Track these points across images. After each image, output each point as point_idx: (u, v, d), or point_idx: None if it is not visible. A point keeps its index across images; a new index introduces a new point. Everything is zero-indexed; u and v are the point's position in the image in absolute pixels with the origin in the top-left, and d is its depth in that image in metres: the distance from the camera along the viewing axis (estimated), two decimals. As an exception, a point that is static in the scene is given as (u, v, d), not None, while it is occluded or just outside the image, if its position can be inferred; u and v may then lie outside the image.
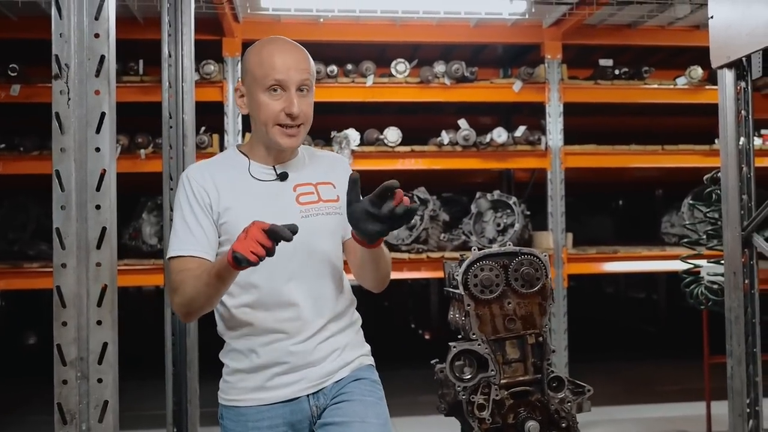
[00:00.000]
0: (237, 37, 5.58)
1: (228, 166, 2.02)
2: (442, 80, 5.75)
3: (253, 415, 1.96)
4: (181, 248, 1.90)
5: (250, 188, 1.98)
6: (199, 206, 1.93)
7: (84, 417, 1.60)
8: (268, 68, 1.92)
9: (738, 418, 3.06)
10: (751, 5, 2.86)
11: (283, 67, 1.92)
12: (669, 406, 5.89)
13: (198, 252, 1.89)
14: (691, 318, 7.43)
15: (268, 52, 1.95)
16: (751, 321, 3.06)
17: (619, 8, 5.46)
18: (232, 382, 2.00)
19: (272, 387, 1.96)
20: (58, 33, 1.60)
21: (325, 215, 2.01)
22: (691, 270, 4.70)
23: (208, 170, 1.99)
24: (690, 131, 6.91)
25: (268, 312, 1.95)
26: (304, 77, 1.94)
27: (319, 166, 2.09)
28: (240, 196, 1.96)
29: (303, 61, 1.96)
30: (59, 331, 1.59)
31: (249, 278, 1.93)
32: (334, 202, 2.04)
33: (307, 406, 1.98)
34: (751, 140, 3.10)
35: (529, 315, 2.13)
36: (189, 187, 1.95)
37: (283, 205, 1.98)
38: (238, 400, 1.99)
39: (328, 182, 2.06)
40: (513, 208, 5.83)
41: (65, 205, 1.59)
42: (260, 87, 1.93)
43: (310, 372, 1.98)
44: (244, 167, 2.01)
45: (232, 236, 1.88)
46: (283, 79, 1.92)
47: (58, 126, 1.59)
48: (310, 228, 1.94)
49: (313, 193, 2.02)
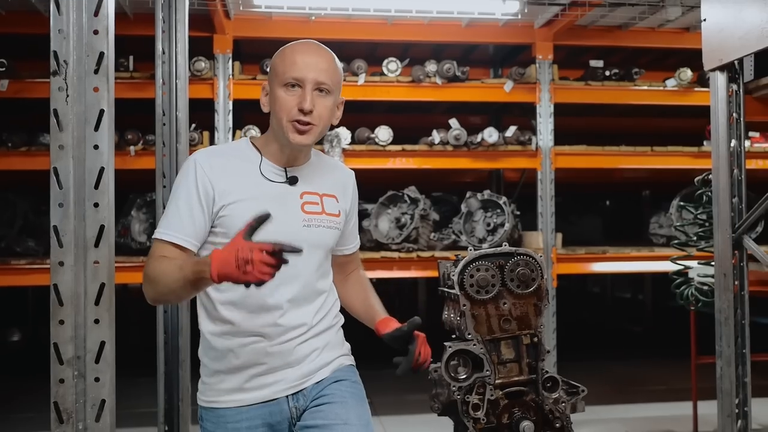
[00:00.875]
0: (228, 34, 5.56)
1: (240, 159, 1.99)
2: (433, 79, 5.75)
3: (232, 416, 1.96)
4: (165, 232, 1.88)
5: (259, 186, 1.96)
6: (197, 195, 1.89)
7: (81, 416, 1.59)
8: (288, 65, 1.94)
9: (727, 419, 3.09)
10: (743, 9, 2.88)
11: (303, 65, 1.93)
12: (656, 405, 5.93)
13: (180, 241, 1.87)
14: (677, 318, 7.49)
15: (291, 50, 1.98)
16: (740, 322, 3.08)
17: (610, 10, 5.49)
18: (211, 384, 1.99)
19: (251, 388, 1.96)
20: (56, 29, 1.59)
21: (326, 228, 2.03)
22: (681, 271, 4.73)
23: (220, 159, 1.97)
24: (679, 133, 6.95)
25: (251, 314, 1.94)
26: (322, 78, 1.93)
27: (327, 177, 2.09)
28: (246, 193, 1.93)
29: (323, 62, 1.96)
30: (56, 330, 1.58)
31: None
32: (335, 217, 2.05)
33: (287, 407, 1.98)
34: (743, 143, 3.12)
35: (525, 315, 2.13)
36: (194, 173, 1.91)
37: (289, 209, 1.97)
38: (217, 402, 1.98)
39: (333, 195, 2.07)
40: (503, 207, 5.85)
41: (63, 202, 1.58)
42: (279, 82, 1.94)
43: (289, 373, 1.97)
44: (256, 163, 1.99)
45: (229, 230, 1.88)
46: (300, 76, 1.92)
47: (57, 123, 1.58)
48: (309, 238, 1.96)
49: (318, 204, 2.02)
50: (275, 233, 1.84)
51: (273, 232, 1.83)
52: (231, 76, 5.54)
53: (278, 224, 1.85)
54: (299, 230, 1.96)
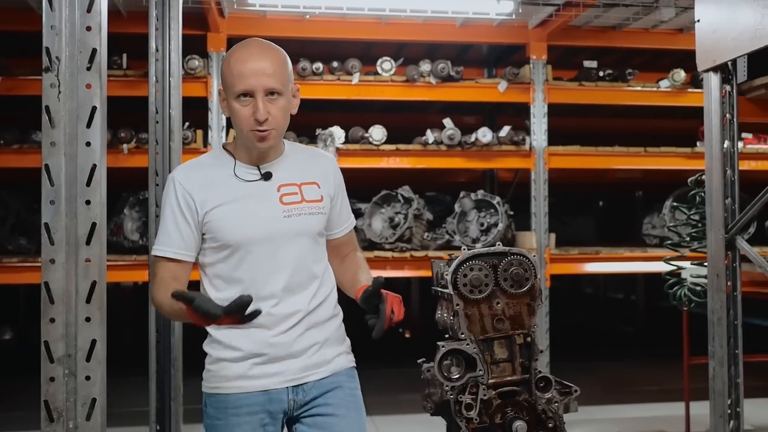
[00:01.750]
0: (222, 33, 5.55)
1: (214, 167, 2.08)
2: (427, 79, 5.75)
3: (233, 402, 2.03)
4: (158, 248, 2.03)
5: (235, 189, 2.04)
6: (180, 210, 2.01)
7: (71, 415, 1.58)
8: (235, 77, 1.97)
9: (719, 419, 3.09)
10: (737, 10, 2.89)
11: (249, 75, 1.95)
12: (648, 406, 5.94)
13: (173, 254, 2.01)
14: (669, 319, 7.50)
15: (235, 59, 1.99)
16: (733, 323, 3.09)
17: (604, 10, 5.50)
18: (214, 371, 2.06)
19: (253, 376, 2.03)
20: (49, 25, 1.57)
21: (308, 215, 2.08)
22: (674, 271, 4.74)
23: (195, 172, 2.07)
24: (672, 134, 6.97)
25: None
26: (270, 84, 1.96)
27: (304, 165, 2.15)
28: (225, 197, 2.02)
29: (270, 67, 1.98)
30: (47, 328, 1.57)
31: (233, 273, 2.04)
32: (317, 203, 2.11)
33: (286, 398, 2.05)
34: (736, 144, 3.13)
35: (518, 315, 2.13)
36: (174, 191, 2.03)
37: (267, 204, 2.05)
38: (220, 388, 2.05)
39: (313, 182, 2.13)
40: (497, 207, 5.85)
41: (54, 199, 1.57)
42: (231, 95, 1.99)
43: (290, 364, 2.04)
44: (230, 167, 2.06)
45: (216, 234, 2.02)
46: (248, 88, 1.96)
47: (48, 120, 1.57)
48: (292, 228, 2.05)
49: (297, 194, 2.09)
50: (258, 227, 2.02)
51: (255, 227, 2.01)
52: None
53: (259, 219, 2.02)
54: (280, 221, 2.04)
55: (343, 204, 2.24)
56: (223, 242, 2.02)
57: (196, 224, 2.02)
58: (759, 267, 3.04)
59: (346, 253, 2.31)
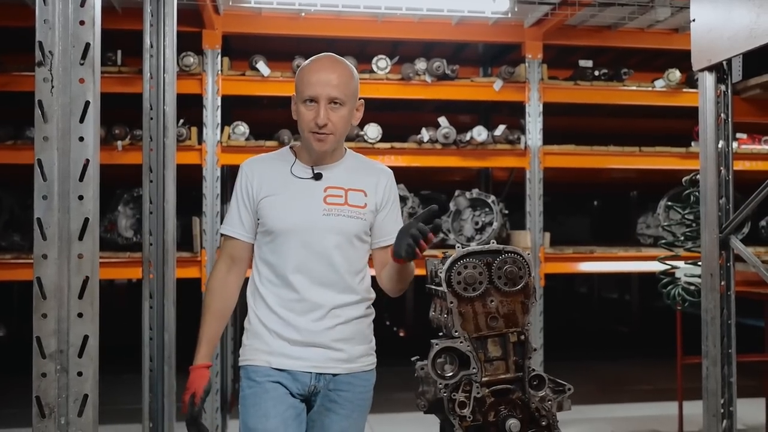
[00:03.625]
0: (217, 30, 5.53)
1: (278, 162, 2.35)
2: (423, 77, 5.74)
3: (262, 372, 2.25)
4: (224, 227, 2.35)
5: (288, 183, 2.29)
6: (242, 196, 2.31)
7: (63, 411, 1.57)
8: (305, 84, 2.24)
9: (712, 418, 3.09)
10: (732, 9, 2.89)
11: (316, 84, 2.21)
12: (641, 405, 5.96)
13: (234, 233, 2.32)
14: (663, 319, 7.52)
15: (307, 69, 2.27)
16: (726, 322, 3.09)
17: (600, 10, 5.50)
18: (250, 345, 2.30)
19: (281, 354, 2.24)
20: (42, 19, 1.56)
21: (347, 217, 2.28)
22: (668, 271, 4.75)
23: (259, 164, 2.35)
24: (667, 133, 6.98)
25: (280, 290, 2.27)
26: (333, 94, 2.21)
27: (357, 174, 2.36)
28: (277, 188, 2.29)
29: (335, 78, 2.23)
30: (39, 323, 1.56)
31: (269, 257, 2.28)
32: (360, 208, 2.31)
33: (308, 381, 2.26)
34: (731, 143, 3.13)
35: (512, 313, 2.13)
36: (240, 178, 2.33)
37: (310, 201, 2.27)
38: (252, 360, 2.28)
39: (360, 189, 2.33)
40: (491, 206, 5.85)
41: (47, 195, 1.56)
42: (299, 99, 2.26)
43: (316, 352, 2.25)
44: (290, 164, 2.32)
45: (264, 220, 2.29)
46: (313, 95, 2.22)
47: (41, 114, 1.55)
48: (329, 225, 2.26)
49: (341, 197, 2.30)
50: (298, 219, 2.25)
51: (296, 219, 2.25)
52: (220, 72, 5.51)
53: (300, 212, 2.26)
54: (319, 218, 2.26)
55: (391, 216, 2.39)
56: (267, 228, 2.27)
57: (253, 209, 2.29)
58: (753, 267, 3.05)
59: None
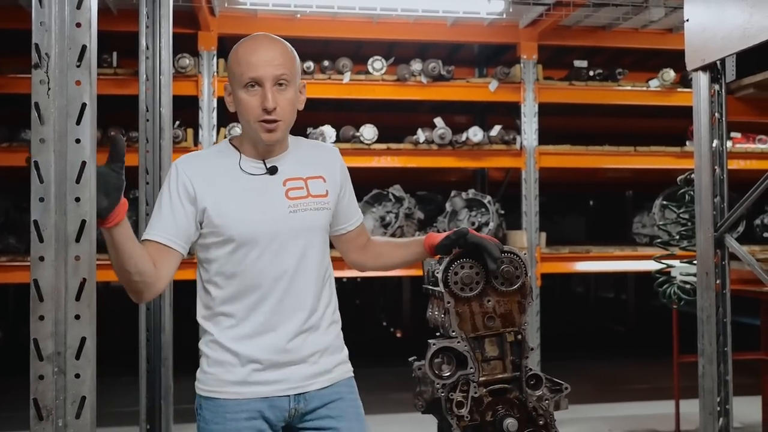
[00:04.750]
0: (213, 31, 5.54)
1: (220, 159, 2.04)
2: (418, 78, 5.76)
3: (232, 407, 1.97)
4: (149, 232, 1.96)
5: (240, 182, 2.00)
6: (179, 197, 1.96)
7: (60, 413, 1.56)
8: (244, 66, 1.94)
9: (709, 417, 3.10)
10: (726, 9, 2.90)
11: (258, 63, 1.93)
12: (638, 404, 5.96)
13: (163, 240, 1.94)
14: (660, 318, 7.53)
15: (243, 50, 1.98)
16: (722, 320, 3.10)
17: (594, 10, 5.52)
18: (213, 374, 2.00)
19: (254, 382, 1.97)
20: (38, 21, 1.56)
21: (314, 210, 2.04)
22: (664, 270, 4.76)
23: (199, 162, 2.03)
24: (662, 133, 7.00)
25: (244, 306, 1.98)
26: (279, 72, 1.94)
27: (310, 158, 2.11)
28: (228, 190, 1.98)
29: (279, 56, 1.96)
30: (36, 326, 1.55)
31: (236, 269, 1.98)
32: (323, 197, 2.07)
33: (287, 406, 2.00)
34: (725, 142, 3.15)
35: (509, 313, 2.13)
36: (175, 176, 1.98)
37: (272, 199, 2.00)
38: (219, 392, 1.98)
39: (319, 176, 2.09)
40: (487, 206, 5.86)
41: (44, 197, 1.55)
42: (239, 84, 1.96)
43: (294, 371, 1.99)
44: (236, 161, 2.02)
45: (219, 228, 1.96)
46: (257, 76, 1.93)
47: (38, 116, 1.55)
48: (298, 224, 2.01)
49: (303, 188, 2.05)
50: (264, 222, 1.97)
51: (261, 222, 1.96)
52: (216, 74, 5.52)
53: (264, 214, 1.97)
54: (286, 216, 2.00)
55: (350, 198, 2.20)
56: (227, 236, 1.96)
57: (194, 214, 1.96)
58: (748, 265, 3.06)
59: (363, 242, 2.26)
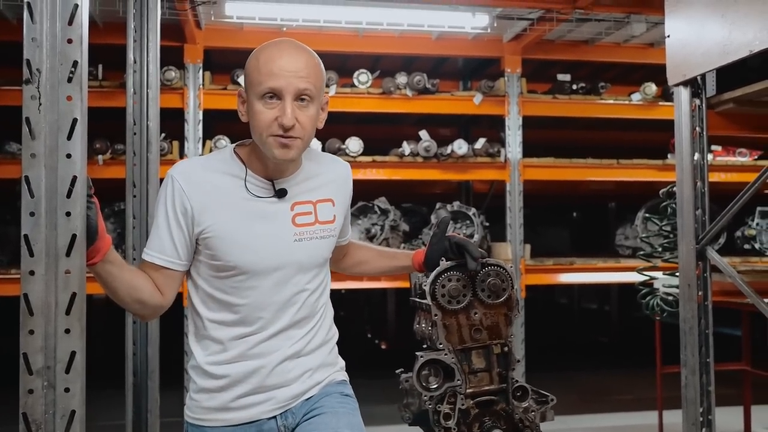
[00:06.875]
0: (199, 44, 5.55)
1: (222, 172, 1.86)
2: (403, 91, 5.79)
3: None
4: (149, 254, 1.85)
5: (244, 205, 1.84)
6: (175, 215, 1.81)
7: (50, 427, 1.56)
8: (264, 74, 1.75)
9: (692, 427, 3.14)
10: (705, 26, 2.96)
11: (280, 73, 1.75)
12: (622, 415, 6.00)
13: (156, 260, 1.84)
14: (643, 329, 7.58)
15: (265, 56, 1.78)
16: (704, 332, 3.14)
17: (577, 25, 5.59)
18: (198, 401, 1.91)
19: (237, 408, 1.88)
20: (30, 37, 1.57)
21: (319, 239, 1.93)
22: (647, 282, 4.81)
23: (198, 175, 1.84)
24: (644, 146, 7.08)
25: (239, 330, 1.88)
26: (303, 86, 1.76)
27: (321, 178, 1.97)
28: (231, 212, 1.82)
29: (304, 68, 1.78)
30: (26, 340, 1.56)
31: (230, 299, 1.86)
32: (330, 224, 1.96)
33: (275, 426, 1.90)
34: (706, 156, 3.20)
35: (495, 325, 2.15)
36: (171, 191, 1.82)
37: (278, 227, 1.86)
38: (204, 420, 1.90)
39: (328, 199, 1.97)
40: (472, 219, 5.90)
41: (34, 211, 1.56)
42: (255, 94, 1.77)
43: (279, 393, 1.90)
44: (240, 178, 1.85)
45: (217, 253, 1.82)
46: (277, 87, 1.75)
47: (29, 131, 1.56)
48: (303, 255, 1.89)
49: (311, 213, 1.92)
50: (266, 254, 1.84)
51: (263, 253, 1.83)
52: (201, 86, 5.53)
53: (268, 244, 1.84)
54: (290, 246, 1.87)
55: (348, 216, 2.10)
56: (225, 263, 1.82)
57: (191, 232, 1.81)
58: (729, 277, 3.10)
59: (346, 250, 2.25)
